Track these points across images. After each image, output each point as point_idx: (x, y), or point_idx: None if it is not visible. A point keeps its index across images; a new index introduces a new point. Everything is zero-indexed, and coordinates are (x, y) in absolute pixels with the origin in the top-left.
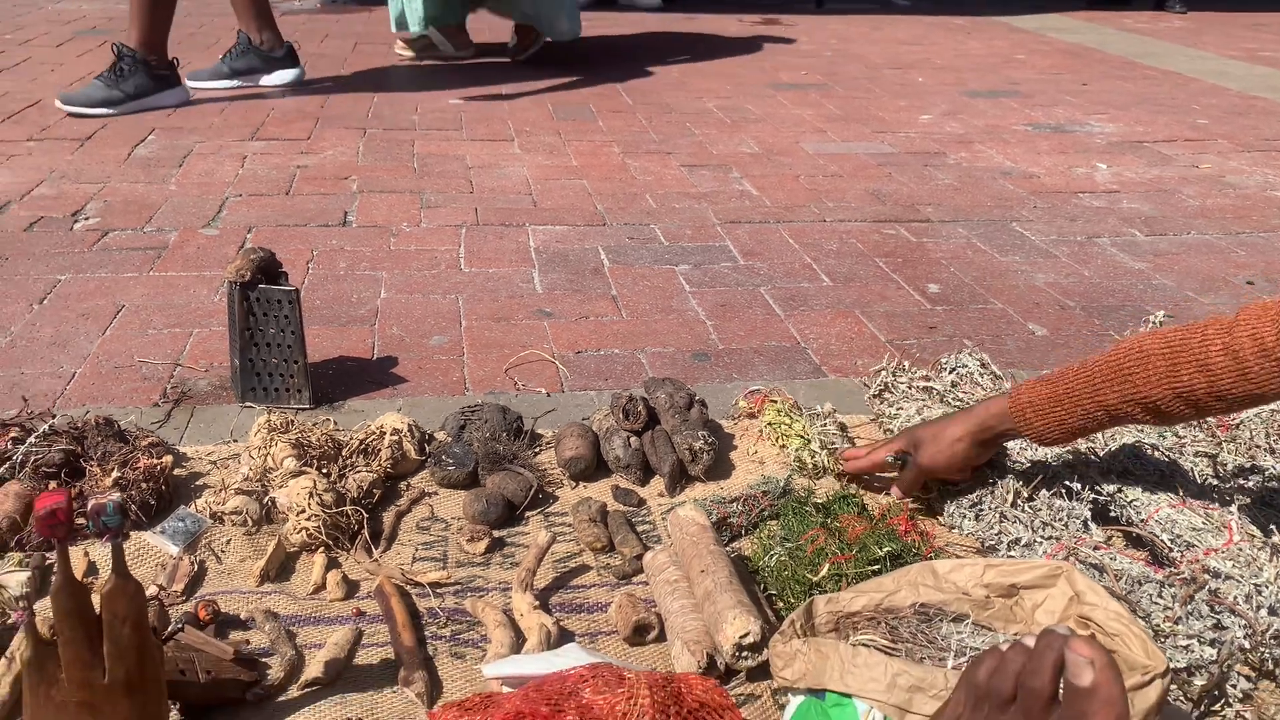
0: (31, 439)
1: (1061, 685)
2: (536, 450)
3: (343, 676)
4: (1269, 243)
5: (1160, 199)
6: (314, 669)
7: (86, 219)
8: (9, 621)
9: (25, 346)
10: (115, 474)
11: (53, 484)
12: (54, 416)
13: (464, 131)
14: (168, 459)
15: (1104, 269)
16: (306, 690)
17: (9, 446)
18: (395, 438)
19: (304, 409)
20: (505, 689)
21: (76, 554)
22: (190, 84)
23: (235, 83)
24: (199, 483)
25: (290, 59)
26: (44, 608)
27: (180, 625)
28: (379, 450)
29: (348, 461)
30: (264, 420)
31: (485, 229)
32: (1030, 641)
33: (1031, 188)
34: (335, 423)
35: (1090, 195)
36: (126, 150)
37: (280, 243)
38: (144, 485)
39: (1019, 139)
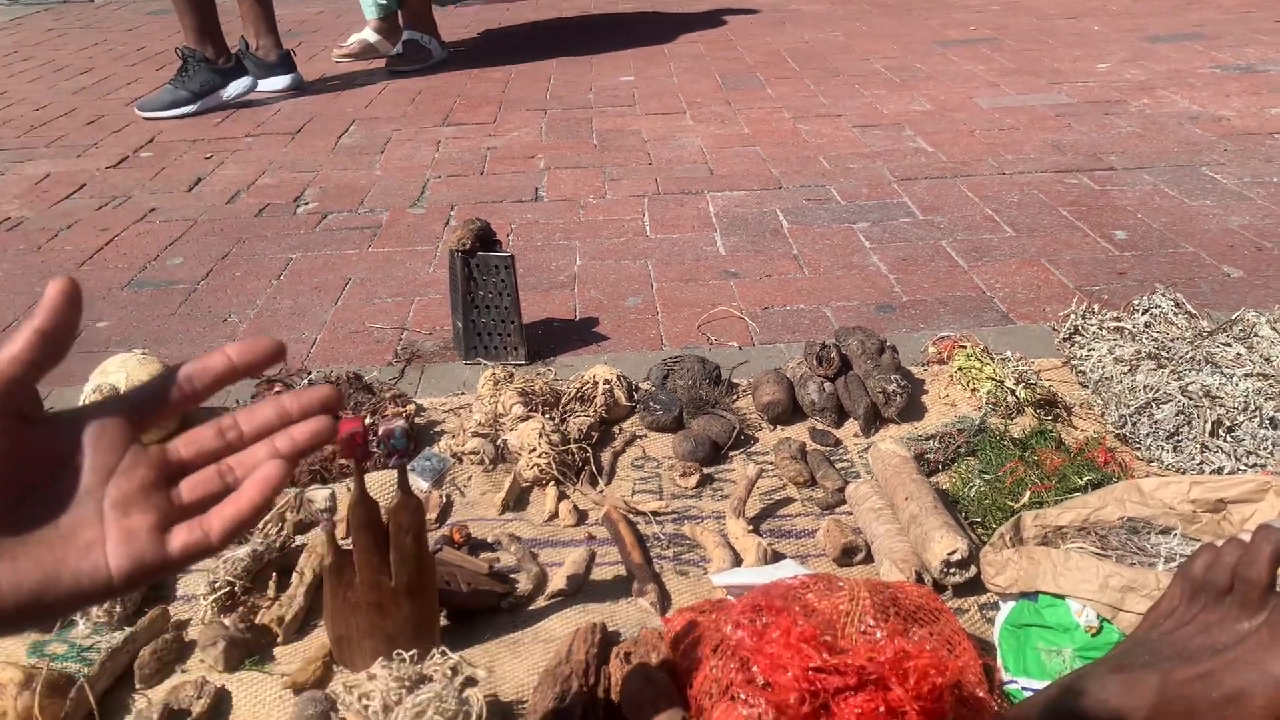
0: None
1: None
2: (734, 398)
3: (582, 589)
4: None
5: None
6: (558, 582)
7: (307, 204)
8: (316, 543)
9: (270, 317)
10: (368, 420)
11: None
12: (310, 373)
13: (637, 107)
14: (411, 406)
15: None
16: (552, 600)
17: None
18: (607, 386)
19: (520, 364)
20: (730, 597)
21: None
22: (141, 113)
23: (194, 107)
24: (437, 429)
25: (285, 65)
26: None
27: (439, 546)
28: (594, 397)
29: (567, 407)
30: (489, 374)
31: (666, 198)
32: (1245, 537)
33: (1221, 131)
34: (553, 373)
35: None
36: (332, 140)
37: (481, 217)
38: (404, 423)
39: (1205, 82)
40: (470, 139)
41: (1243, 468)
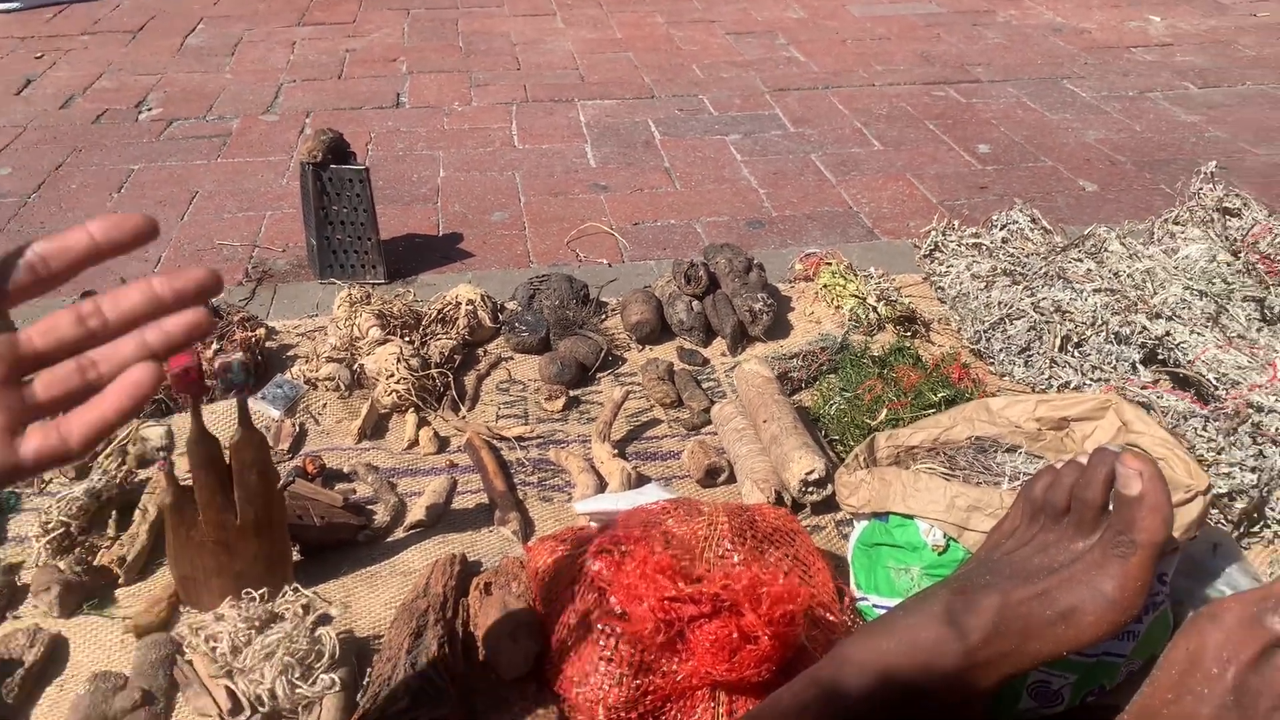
0: None
1: (1112, 497)
2: (603, 317)
3: (442, 519)
4: None
5: (1215, 50)
6: (416, 513)
7: (150, 110)
8: (150, 470)
9: None
10: (215, 346)
11: None
12: None
13: (505, 7)
14: (261, 330)
15: (1156, 123)
16: (411, 531)
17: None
18: (470, 307)
19: (379, 283)
20: (593, 524)
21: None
22: None
23: (18, 4)
24: (290, 354)
25: None
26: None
27: (291, 479)
28: (456, 319)
29: (428, 330)
30: (345, 294)
31: (535, 105)
32: (1083, 459)
33: (1083, 44)
34: (413, 294)
35: (1143, 49)
36: (178, 41)
37: (338, 126)
38: (242, 356)
39: None
40: (328, 40)
41: (1089, 382)
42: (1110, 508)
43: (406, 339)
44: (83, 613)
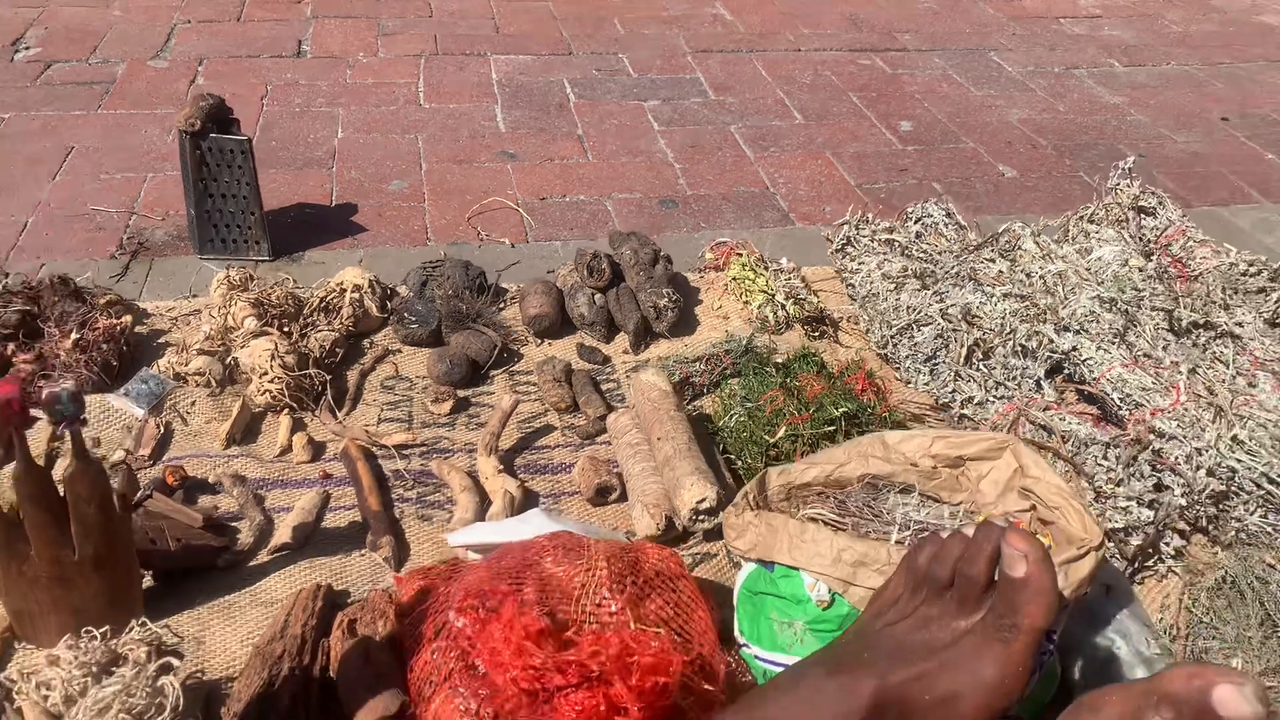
0: None
1: (997, 574)
2: (501, 306)
3: (311, 540)
4: (1249, 75)
5: (1143, 24)
6: (283, 534)
7: (27, 48)
8: None
9: None
10: (74, 335)
11: (11, 346)
12: (6, 276)
13: None
14: (127, 318)
15: (1079, 103)
16: (276, 555)
17: None
18: (356, 295)
19: (263, 260)
20: (472, 555)
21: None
22: None
23: None
24: (161, 340)
25: None
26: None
27: (149, 492)
28: (340, 308)
29: (309, 320)
30: (223, 276)
31: (445, 59)
32: (969, 531)
33: (1012, 12)
34: (295, 281)
35: (1071, 20)
36: None
37: (233, 76)
38: (104, 346)
39: None
40: None
41: (992, 398)
42: (995, 585)
43: (285, 330)
44: None
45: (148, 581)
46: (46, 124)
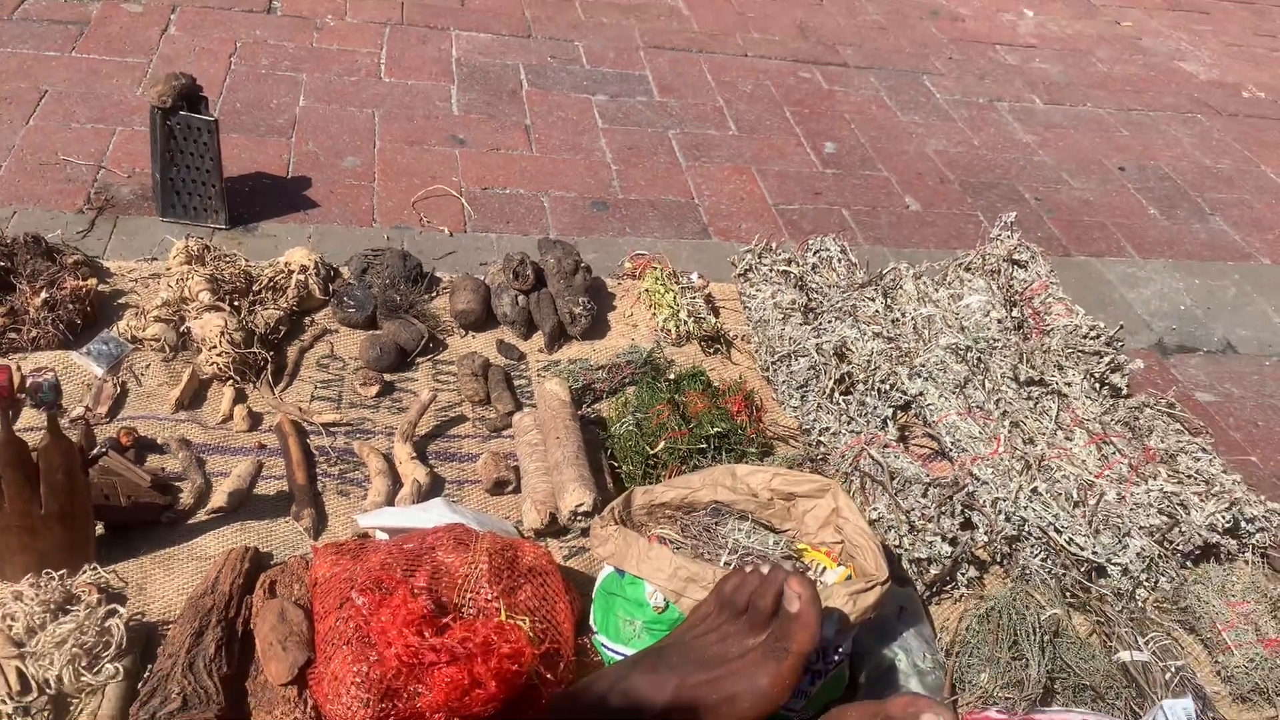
0: None
1: (780, 608)
2: (433, 295)
3: (244, 505)
4: (1154, 124)
5: (1071, 60)
6: (219, 498)
7: None
8: None
9: None
10: (44, 294)
11: None
12: None
13: None
14: (93, 281)
15: (994, 139)
16: (212, 516)
17: None
18: (302, 276)
19: (220, 229)
20: (380, 534)
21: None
22: None
23: None
24: (121, 301)
25: None
26: None
27: (105, 450)
28: (286, 288)
29: (258, 296)
30: (182, 246)
31: (409, 30)
32: (765, 569)
33: (954, 33)
34: (246, 260)
35: (1007, 49)
36: None
37: (204, 28)
38: (71, 306)
39: None
40: None
41: (844, 431)
42: (778, 615)
43: (234, 305)
44: None
45: (100, 531)
46: (22, 63)
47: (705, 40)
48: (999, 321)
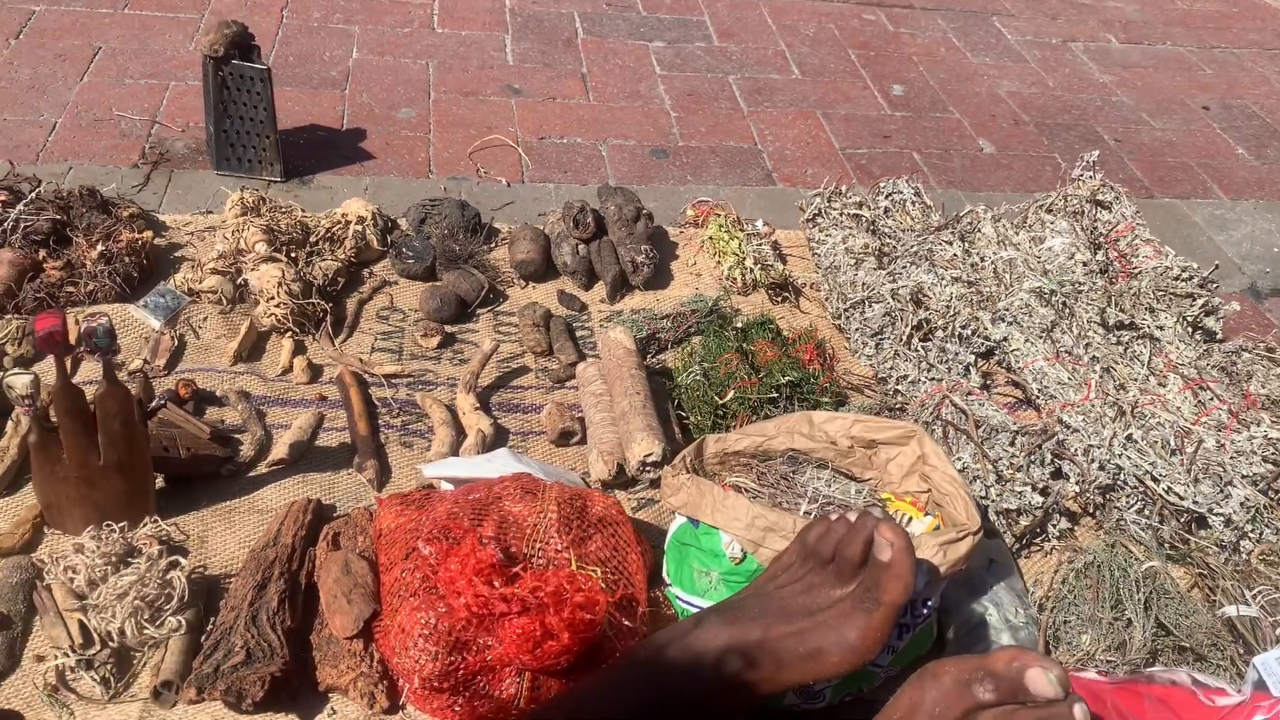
0: (20, 206)
1: (870, 557)
2: (491, 246)
3: (305, 457)
4: (1240, 62)
5: None
6: (280, 450)
7: None
8: (16, 414)
9: (5, 89)
10: (100, 247)
11: (42, 253)
12: (40, 183)
13: None
14: (148, 234)
15: (1069, 79)
16: (273, 468)
17: None
18: (359, 227)
19: (275, 181)
20: (444, 484)
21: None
22: None
23: None
24: (178, 254)
25: None
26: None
27: (163, 402)
28: (344, 239)
29: (315, 248)
30: (237, 197)
31: None
32: (852, 516)
33: None
34: (303, 205)
35: None
36: None
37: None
38: (127, 259)
39: None
40: None
41: (924, 379)
42: (867, 564)
43: (292, 256)
44: None
45: (160, 484)
46: (75, 20)
47: None
48: (1084, 264)
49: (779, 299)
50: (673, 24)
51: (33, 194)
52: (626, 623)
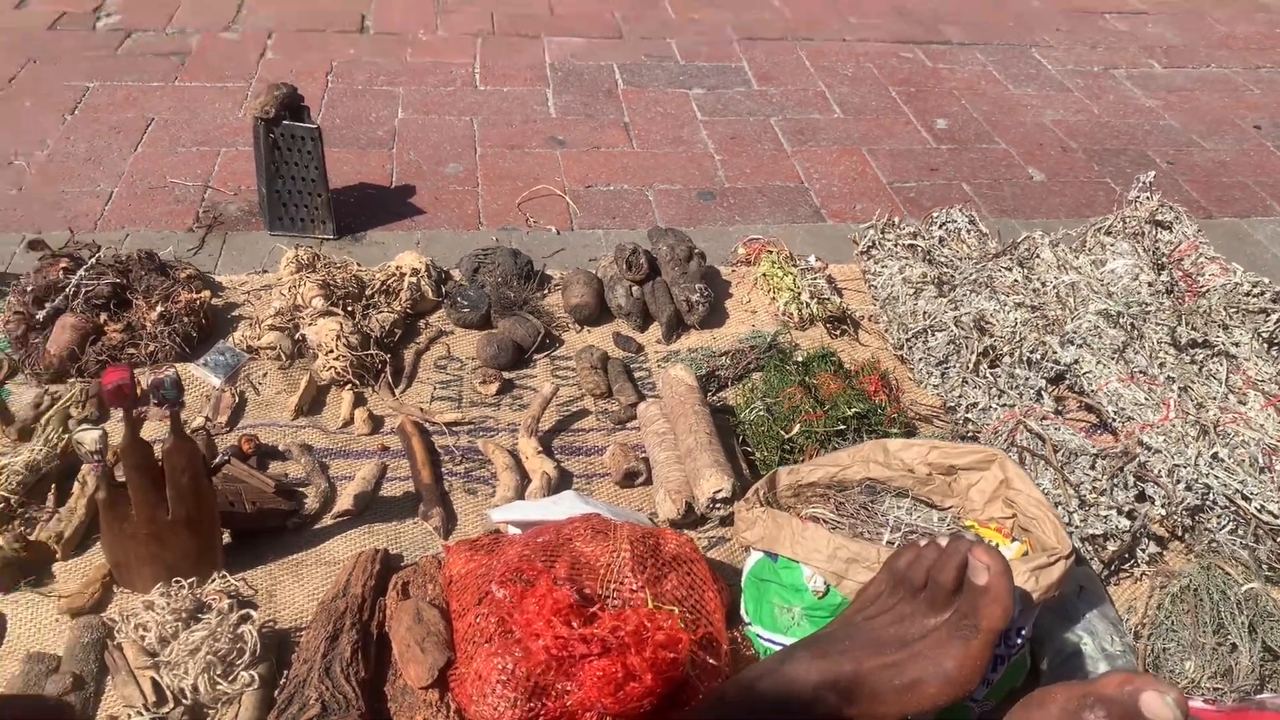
0: (81, 271)
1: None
2: (545, 293)
3: (370, 508)
4: None
5: (1188, 23)
6: (344, 501)
7: (109, 16)
8: (83, 472)
9: (62, 163)
10: (159, 308)
11: (104, 316)
12: (100, 249)
13: None
14: (205, 293)
15: (1114, 105)
16: (338, 519)
17: (61, 277)
18: (414, 279)
19: (328, 239)
20: (512, 529)
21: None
22: None
23: None
24: (235, 314)
25: None
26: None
27: (227, 458)
28: (399, 291)
29: (370, 300)
30: (292, 255)
31: (500, 39)
32: (944, 541)
33: (1059, 4)
34: (358, 264)
35: (1116, 16)
36: None
37: (300, 50)
38: (186, 319)
39: None
40: None
41: (995, 405)
42: (961, 590)
43: (348, 310)
44: (19, 589)
45: (226, 539)
46: (128, 95)
47: (800, 28)
48: (1149, 285)
49: (838, 332)
50: (711, 71)
51: (92, 259)
52: (710, 660)
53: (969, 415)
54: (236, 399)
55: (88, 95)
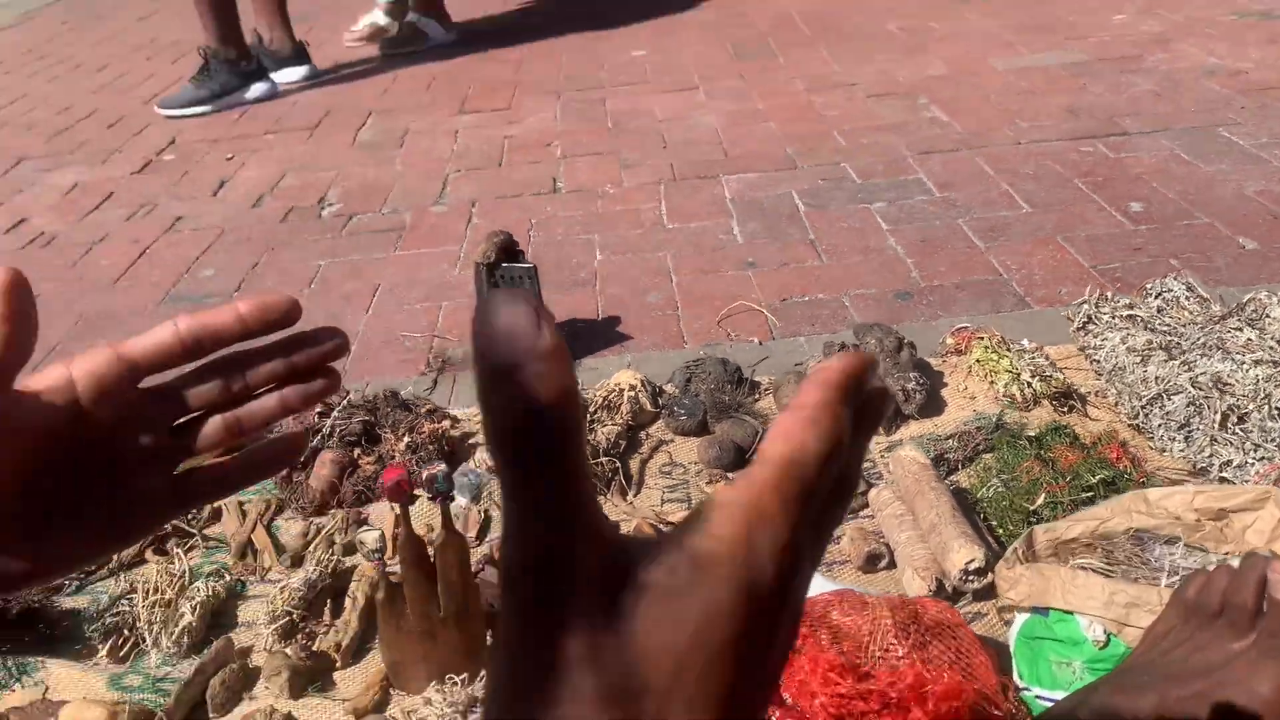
0: (335, 413)
1: (1266, 601)
2: (756, 398)
3: None
4: None
5: None
6: None
7: (331, 205)
8: (366, 569)
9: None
10: (406, 439)
11: (357, 450)
12: (349, 392)
13: (650, 84)
14: (446, 423)
15: None
16: None
17: (317, 420)
18: (632, 393)
19: None
20: None
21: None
22: (161, 111)
23: (211, 106)
24: (471, 441)
25: (299, 58)
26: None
27: (482, 566)
28: (619, 405)
29: (594, 416)
30: None
31: (681, 184)
32: (1235, 564)
33: (1239, 85)
34: (580, 381)
35: None
36: (351, 135)
37: (501, 213)
38: (430, 447)
39: (1224, 31)
40: (487, 128)
41: (1250, 460)
42: (1264, 610)
43: None
44: (308, 695)
45: (489, 640)
46: (355, 267)
47: (972, 139)
48: None
49: (1064, 409)
50: (889, 186)
51: (343, 402)
52: (996, 711)
53: (1224, 474)
54: (482, 516)
55: (320, 271)
